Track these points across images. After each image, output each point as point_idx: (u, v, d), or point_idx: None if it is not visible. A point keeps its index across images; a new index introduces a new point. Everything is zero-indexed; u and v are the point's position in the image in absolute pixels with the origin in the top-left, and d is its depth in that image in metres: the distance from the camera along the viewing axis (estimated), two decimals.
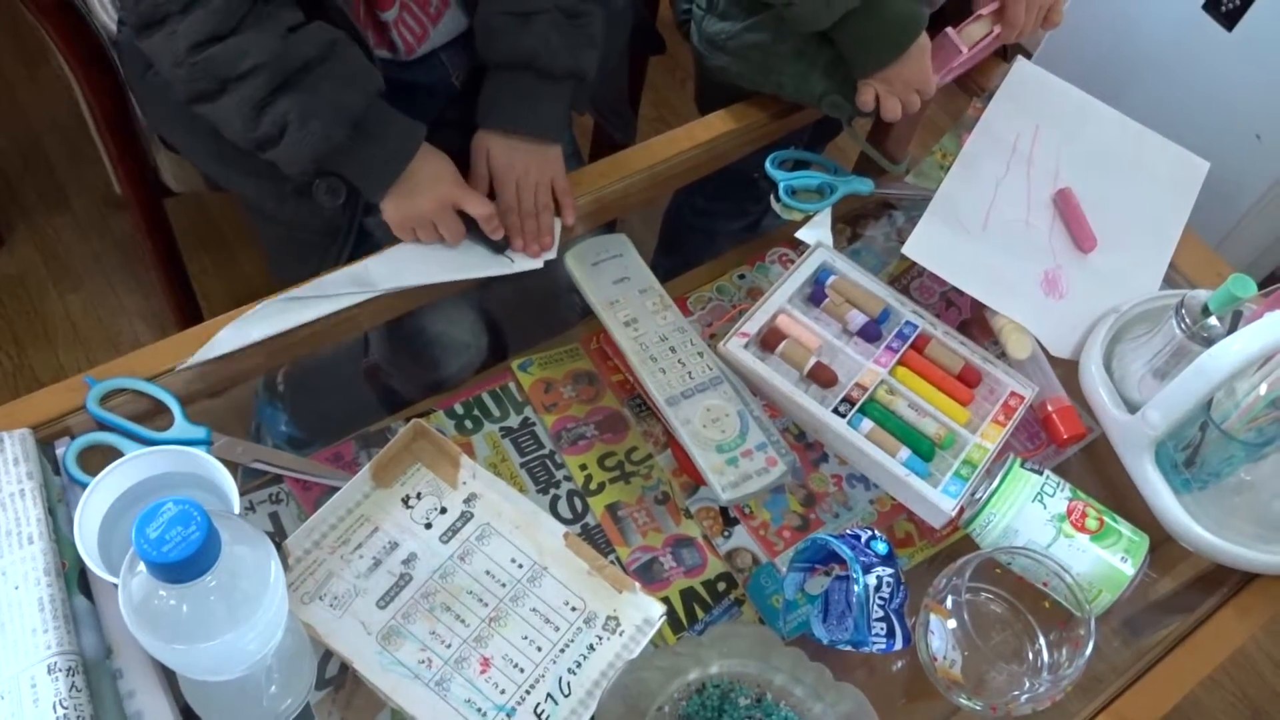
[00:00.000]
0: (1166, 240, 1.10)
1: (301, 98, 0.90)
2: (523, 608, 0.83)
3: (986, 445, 0.93)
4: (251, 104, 0.90)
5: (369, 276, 0.97)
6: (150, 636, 0.60)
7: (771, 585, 0.88)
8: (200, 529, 0.57)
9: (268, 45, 0.88)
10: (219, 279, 1.86)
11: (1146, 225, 1.11)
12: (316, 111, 0.90)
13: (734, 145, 1.16)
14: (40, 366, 1.74)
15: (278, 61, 0.89)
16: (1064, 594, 0.82)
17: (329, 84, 0.91)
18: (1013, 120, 1.14)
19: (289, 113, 0.90)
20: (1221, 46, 1.65)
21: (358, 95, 0.93)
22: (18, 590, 0.73)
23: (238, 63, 0.88)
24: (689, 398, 0.94)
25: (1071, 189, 1.09)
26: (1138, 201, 1.12)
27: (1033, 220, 1.08)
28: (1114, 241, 1.08)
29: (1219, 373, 0.85)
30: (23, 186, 1.93)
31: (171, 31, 0.88)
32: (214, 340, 0.90)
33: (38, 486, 0.78)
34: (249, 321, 0.92)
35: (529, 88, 1.03)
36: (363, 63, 0.94)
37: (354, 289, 0.95)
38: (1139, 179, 1.13)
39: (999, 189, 1.10)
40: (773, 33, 1.11)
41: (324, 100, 0.91)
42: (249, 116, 0.90)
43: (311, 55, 0.90)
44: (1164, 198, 1.13)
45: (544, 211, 1.02)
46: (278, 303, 0.93)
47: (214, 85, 0.90)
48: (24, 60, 2.07)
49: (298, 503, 0.87)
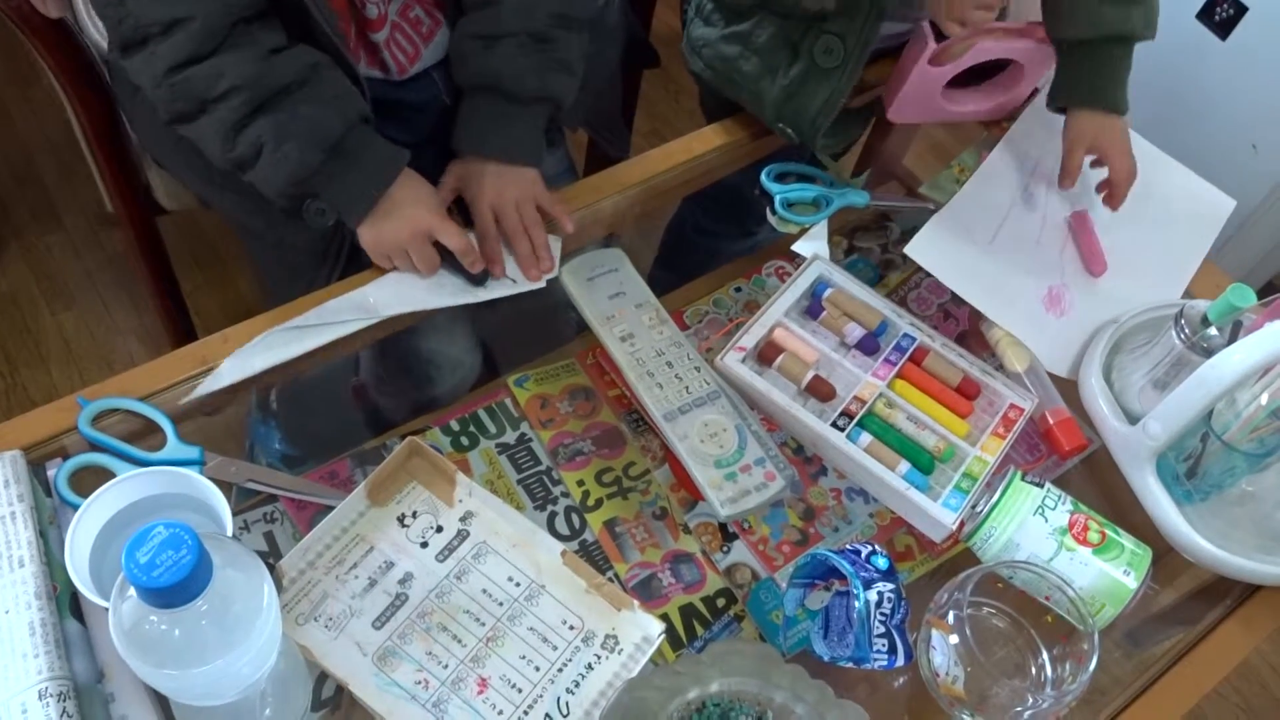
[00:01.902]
0: (1181, 272, 1.10)
1: (278, 120, 0.90)
2: (520, 627, 0.82)
3: (986, 458, 0.92)
4: (229, 125, 0.89)
5: (371, 304, 0.96)
6: (142, 662, 0.59)
7: (771, 601, 0.87)
8: (191, 553, 0.56)
9: (244, 68, 0.88)
10: (212, 296, 1.85)
11: (1161, 256, 1.10)
12: (292, 134, 0.90)
13: (730, 158, 1.16)
14: (33, 385, 1.74)
15: (255, 84, 0.88)
16: (1067, 608, 0.81)
17: (307, 107, 0.90)
18: (1037, 140, 1.14)
19: (264, 135, 0.90)
20: (1216, 55, 1.65)
21: (336, 119, 0.92)
22: (8, 614, 0.72)
23: (214, 84, 0.88)
24: (686, 413, 0.93)
25: (1088, 212, 1.09)
26: (1155, 232, 1.11)
27: (1044, 239, 1.08)
28: (1126, 269, 1.08)
29: (1220, 383, 0.84)
30: (15, 204, 1.93)
31: (151, 53, 0.88)
32: (217, 372, 0.89)
33: (29, 509, 0.78)
34: (251, 351, 0.91)
35: (498, 110, 1.03)
36: (344, 87, 0.94)
37: (356, 316, 0.95)
38: (1160, 210, 1.12)
39: (1014, 205, 1.10)
40: (741, 47, 1.11)
41: (301, 123, 0.90)
42: (226, 137, 0.90)
43: (291, 79, 0.90)
44: (1183, 231, 1.12)
45: (534, 228, 1.01)
46: (279, 332, 0.92)
47: (193, 106, 0.89)
48: (15, 79, 2.07)
49: (292, 522, 0.86)
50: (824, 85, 1.08)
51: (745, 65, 1.12)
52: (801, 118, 1.10)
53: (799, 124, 1.10)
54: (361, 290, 0.97)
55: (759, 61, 1.11)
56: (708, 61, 1.16)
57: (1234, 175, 1.26)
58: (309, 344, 0.93)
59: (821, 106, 1.08)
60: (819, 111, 1.09)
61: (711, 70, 1.16)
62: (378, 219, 0.96)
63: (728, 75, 1.14)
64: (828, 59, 1.06)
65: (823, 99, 1.08)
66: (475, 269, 0.98)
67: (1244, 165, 1.66)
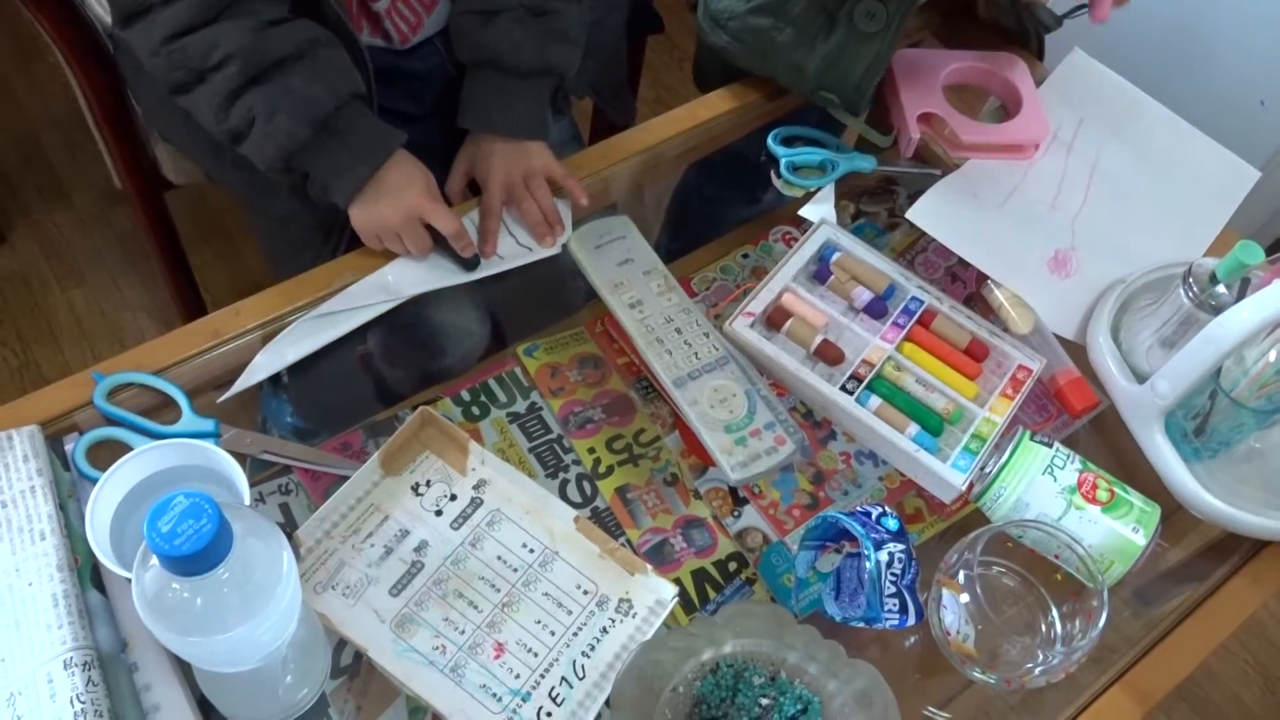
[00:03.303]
0: (1198, 240, 1.09)
1: (271, 92, 0.90)
2: (535, 592, 0.83)
3: (995, 419, 0.93)
4: (223, 95, 0.90)
5: (391, 284, 0.96)
6: (165, 630, 0.60)
7: (783, 564, 0.88)
8: (212, 521, 0.57)
9: (240, 37, 0.88)
10: (221, 271, 1.86)
11: (1180, 223, 1.09)
12: (284, 107, 0.90)
13: (735, 124, 1.16)
14: (45, 363, 1.75)
15: (249, 54, 0.88)
16: (1076, 566, 0.82)
17: (299, 81, 0.90)
18: (1058, 108, 1.14)
19: (255, 106, 0.90)
20: (1223, 12, 1.64)
21: (328, 95, 0.92)
22: (31, 586, 0.73)
23: (209, 54, 0.88)
24: (696, 379, 0.94)
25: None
26: (1175, 200, 1.11)
27: (1060, 203, 1.08)
28: (1145, 234, 1.07)
29: (1228, 340, 0.84)
30: (22, 183, 1.93)
31: (151, 21, 0.88)
32: (252, 366, 0.90)
33: (48, 483, 0.79)
34: (283, 343, 0.92)
35: (497, 85, 1.03)
36: (342, 64, 0.94)
37: (381, 299, 0.95)
38: (1181, 179, 1.12)
39: (1030, 170, 1.09)
40: (774, 19, 1.10)
41: (293, 97, 0.90)
42: (219, 108, 0.90)
43: (288, 52, 0.90)
44: (1204, 200, 1.11)
45: (540, 195, 1.02)
46: (309, 321, 0.93)
47: (190, 77, 0.90)
48: (20, 57, 2.07)
49: (307, 493, 0.87)
50: (868, 49, 1.06)
51: (780, 37, 1.09)
52: (845, 84, 1.09)
53: (843, 90, 1.09)
54: (380, 271, 0.97)
55: (794, 32, 1.08)
56: (735, 34, 1.13)
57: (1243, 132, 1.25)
58: (340, 329, 0.93)
59: (866, 70, 1.07)
60: (864, 75, 1.08)
61: (741, 43, 1.13)
62: (368, 200, 0.96)
63: (760, 49, 1.11)
64: (870, 23, 1.05)
65: (867, 63, 1.07)
66: (466, 254, 0.97)
67: (1253, 122, 1.65)
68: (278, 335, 0.92)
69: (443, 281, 0.98)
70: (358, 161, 0.95)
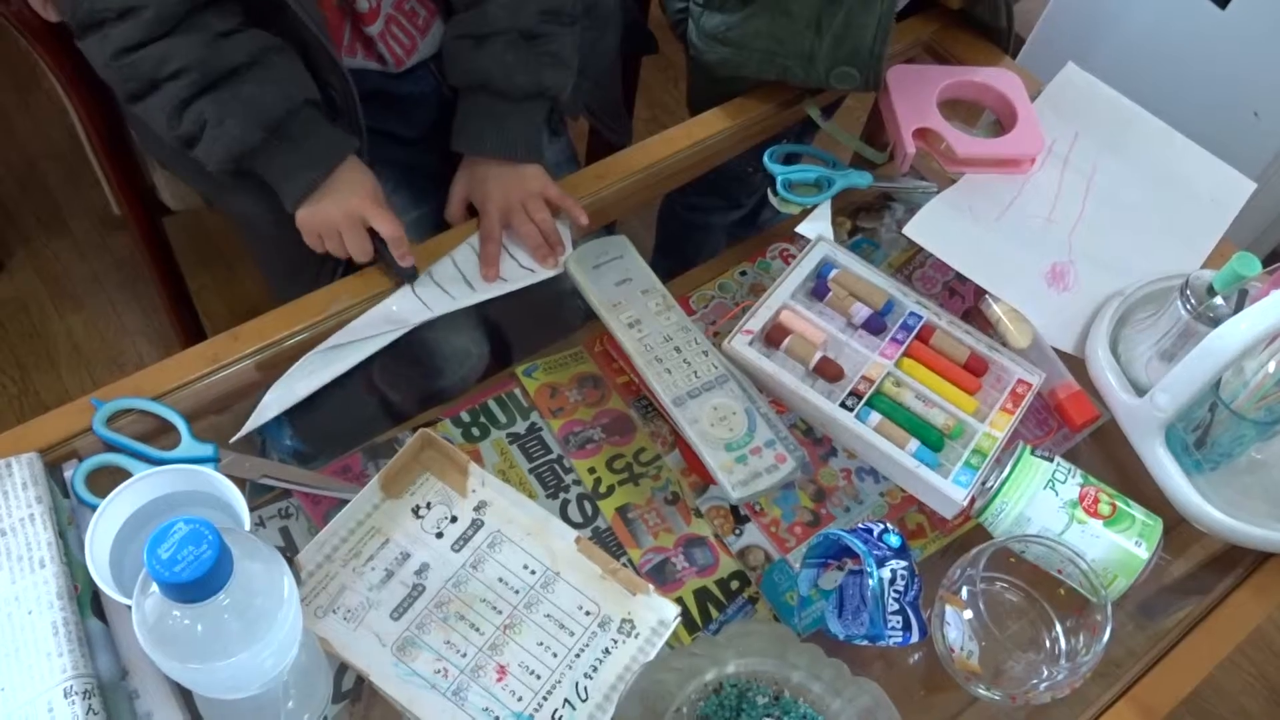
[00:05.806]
0: (1195, 252, 1.09)
1: (221, 98, 0.91)
2: (537, 614, 0.83)
3: (995, 434, 0.93)
4: (175, 103, 0.91)
5: (398, 314, 0.96)
6: (165, 657, 0.60)
7: (785, 582, 0.88)
8: (212, 547, 0.57)
9: (192, 51, 0.89)
10: (220, 296, 1.86)
11: (1177, 236, 1.09)
12: (233, 112, 0.91)
13: (730, 142, 1.16)
14: (44, 389, 1.74)
15: (202, 65, 0.90)
16: (1079, 580, 0.81)
17: (251, 87, 0.92)
18: (1053, 122, 1.14)
19: (206, 112, 0.91)
20: (1216, 25, 1.65)
21: (278, 100, 0.93)
22: (31, 615, 0.73)
23: (160, 67, 0.90)
24: (695, 397, 0.94)
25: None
26: (1171, 213, 1.11)
27: (1055, 217, 1.08)
28: (1141, 246, 1.07)
29: (1227, 352, 0.84)
30: (20, 211, 1.93)
31: (104, 36, 0.90)
32: (262, 405, 0.90)
33: (47, 510, 0.78)
34: (293, 378, 0.91)
35: (492, 110, 1.04)
36: (294, 70, 0.95)
37: (386, 329, 0.95)
38: (1177, 191, 1.12)
39: (1026, 184, 1.10)
40: (771, 17, 1.10)
41: (243, 102, 0.91)
42: (172, 114, 0.92)
43: (240, 61, 0.91)
44: (1200, 212, 1.12)
45: (540, 218, 1.02)
46: (317, 356, 0.93)
47: (144, 86, 0.91)
48: (17, 85, 2.08)
49: (307, 517, 0.87)
50: (871, 12, 1.07)
51: (782, 33, 1.10)
52: (859, 54, 1.09)
53: (859, 61, 1.10)
54: (384, 302, 0.97)
55: (797, 20, 1.09)
56: (738, 44, 1.14)
57: (1237, 143, 1.26)
58: (348, 362, 0.93)
59: (876, 34, 1.08)
60: (874, 38, 1.08)
61: (744, 51, 1.14)
62: (313, 199, 0.97)
63: (767, 50, 1.12)
64: None
65: (874, 25, 1.08)
66: (404, 261, 0.97)
67: (1246, 133, 1.66)
68: (287, 371, 0.91)
69: (448, 308, 0.98)
70: (308, 165, 0.96)
